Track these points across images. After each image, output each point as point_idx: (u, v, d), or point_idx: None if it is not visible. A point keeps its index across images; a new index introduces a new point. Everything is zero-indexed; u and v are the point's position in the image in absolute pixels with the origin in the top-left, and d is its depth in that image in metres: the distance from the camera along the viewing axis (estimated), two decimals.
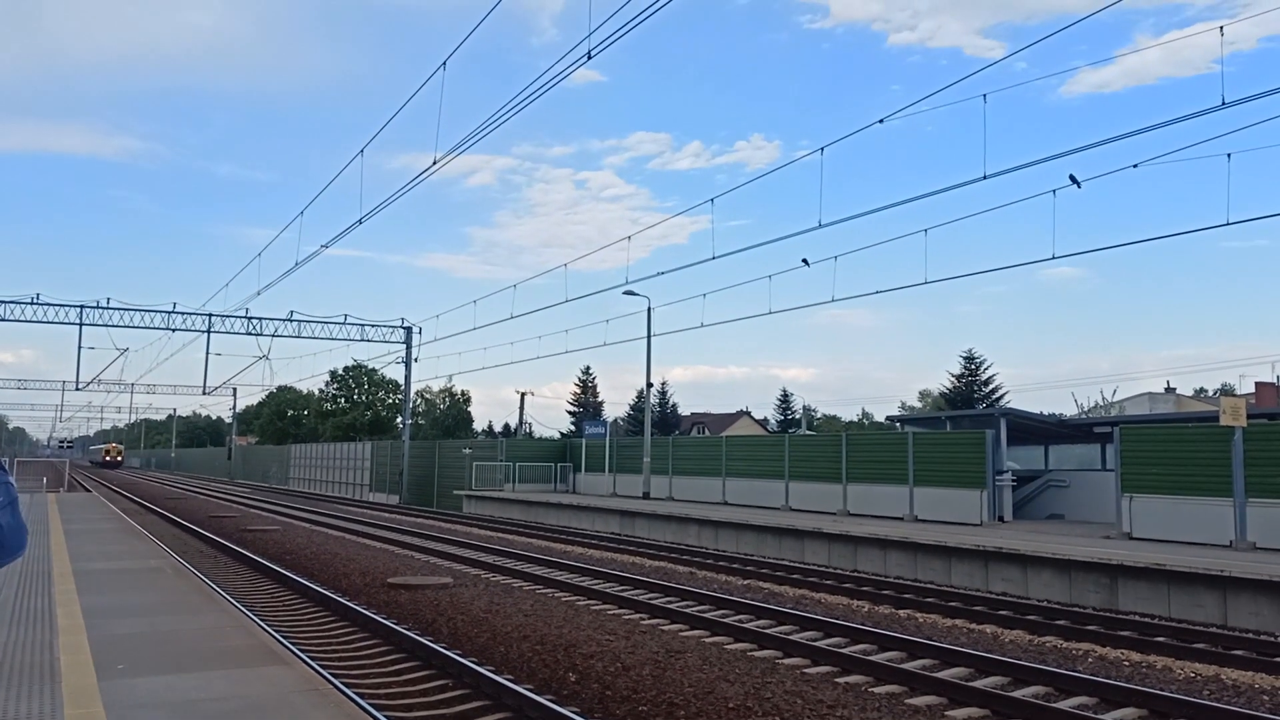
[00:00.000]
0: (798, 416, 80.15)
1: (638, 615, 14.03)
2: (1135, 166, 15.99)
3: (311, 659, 10.24)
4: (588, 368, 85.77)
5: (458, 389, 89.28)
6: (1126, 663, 11.31)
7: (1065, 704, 9.11)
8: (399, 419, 68.59)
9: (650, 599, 15.45)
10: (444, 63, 15.15)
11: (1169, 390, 57.67)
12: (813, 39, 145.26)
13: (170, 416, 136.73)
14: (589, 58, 11.83)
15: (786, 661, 10.92)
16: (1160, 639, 12.63)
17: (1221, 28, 13.80)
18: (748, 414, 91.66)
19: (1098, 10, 14.00)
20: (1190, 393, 67.14)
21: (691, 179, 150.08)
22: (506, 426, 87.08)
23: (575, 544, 26.00)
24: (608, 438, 43.55)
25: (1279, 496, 17.85)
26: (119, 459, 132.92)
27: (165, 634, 8.52)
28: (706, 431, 79.79)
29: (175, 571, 13.64)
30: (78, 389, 50.23)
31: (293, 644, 11.01)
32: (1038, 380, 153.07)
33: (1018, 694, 9.41)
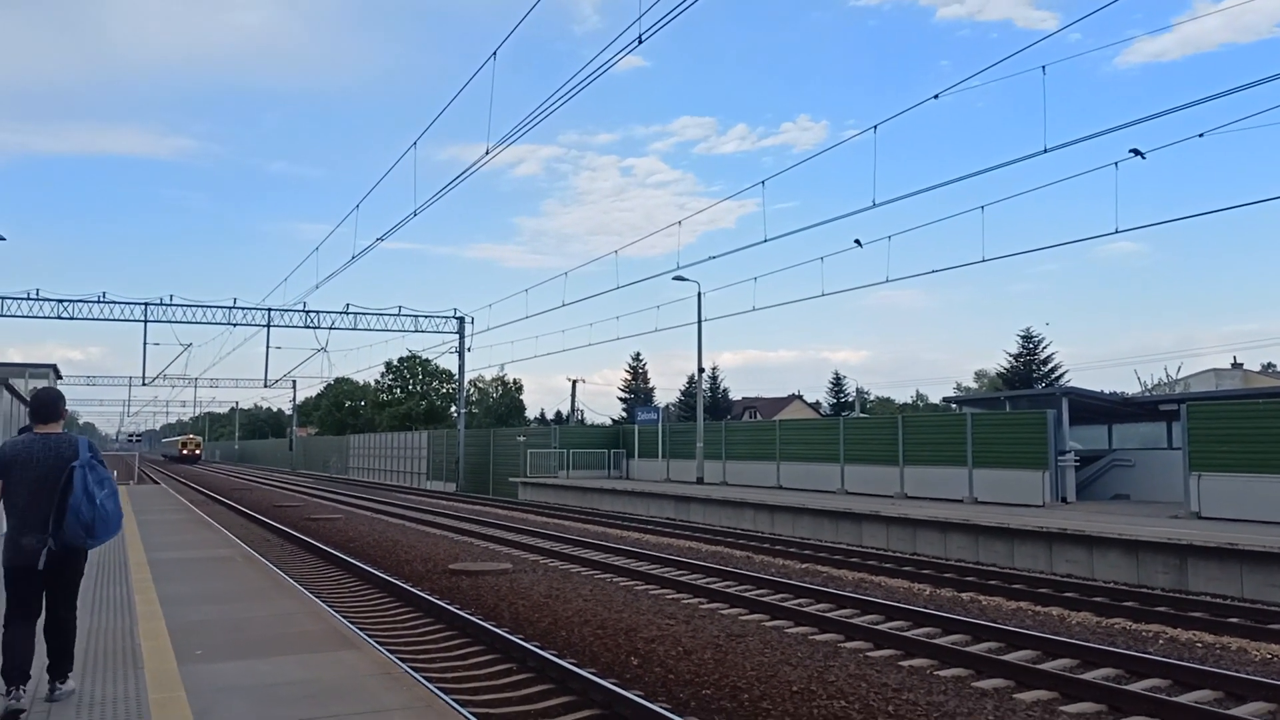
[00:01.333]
0: (850, 399, 79.53)
1: (697, 599, 14.05)
2: (1201, 136, 15.58)
3: (380, 644, 10.41)
4: (638, 354, 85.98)
5: (510, 378, 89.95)
6: (1199, 644, 11.10)
7: (1137, 686, 8.97)
8: (453, 408, 69.26)
9: (708, 583, 15.46)
10: (494, 53, 15.20)
11: (1235, 366, 56.21)
12: (859, 16, 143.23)
13: (233, 409, 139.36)
14: (639, 42, 11.80)
15: (849, 645, 10.87)
16: (1234, 620, 12.37)
17: None
18: (799, 398, 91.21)
19: None
20: (1258, 368, 65.41)
21: (737, 162, 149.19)
22: (559, 414, 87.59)
23: (631, 529, 26.11)
24: (660, 423, 43.60)
25: None
26: (198, 452, 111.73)
27: (239, 620, 8.72)
28: (758, 415, 79.56)
29: (245, 560, 13.94)
30: (144, 384, 51.44)
31: (361, 629, 11.20)
32: (1098, 359, 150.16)
33: (1087, 676, 9.28)
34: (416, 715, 5.60)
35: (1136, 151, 15.99)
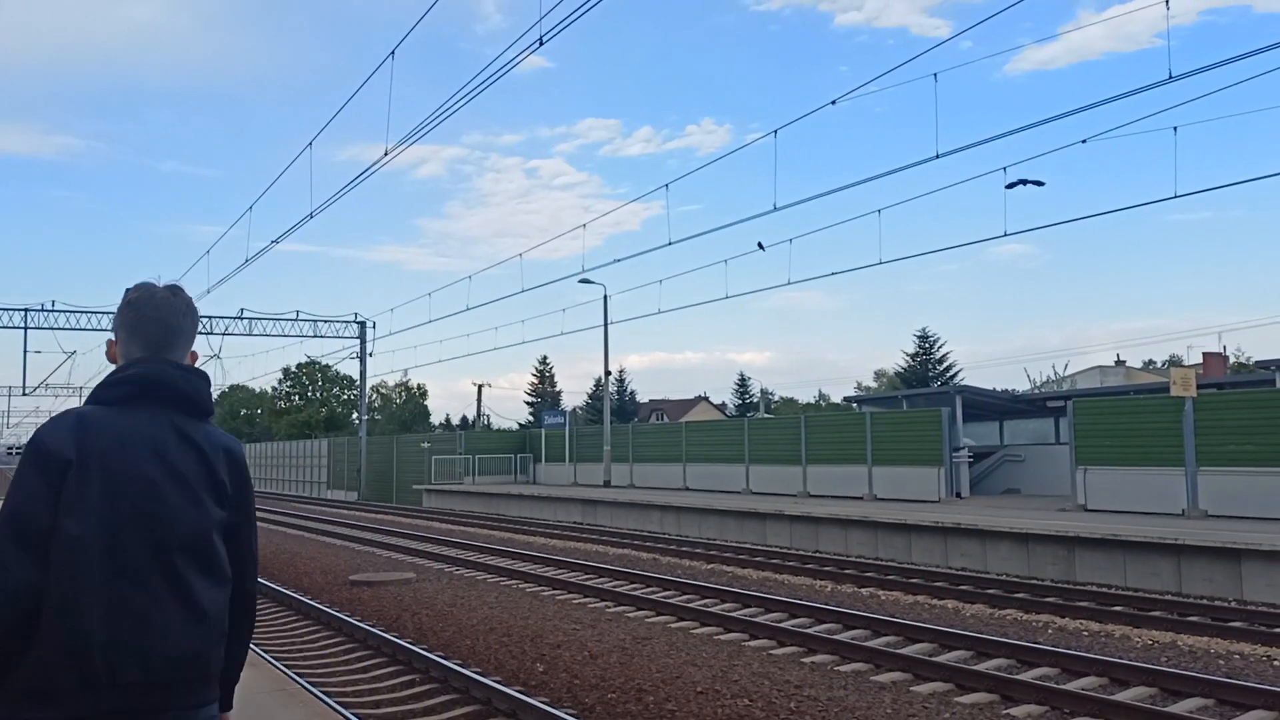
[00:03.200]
0: (755, 400, 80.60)
1: (603, 603, 14.04)
2: (1084, 142, 16.26)
3: (276, 659, 10.13)
4: (545, 357, 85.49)
5: (414, 383, 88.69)
6: (1086, 632, 11.53)
7: (1027, 675, 9.27)
8: (355, 415, 67.97)
9: (615, 586, 15.47)
10: (392, 52, 14.94)
11: (1119, 363, 58.68)
12: (760, 20, 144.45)
13: None
14: (540, 44, 11.74)
15: (753, 643, 10.99)
16: (1118, 608, 12.89)
17: (1168, 1, 13.91)
18: (705, 399, 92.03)
19: None
20: (1139, 365, 68.44)
21: (642, 165, 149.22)
22: (464, 419, 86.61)
23: (538, 535, 25.97)
24: (567, 427, 43.46)
25: (1229, 465, 18.27)
26: None
27: None
28: (665, 418, 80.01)
29: None
30: (24, 394, 49.13)
31: (256, 645, 10.88)
32: (990, 357, 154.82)
33: (980, 667, 9.56)
34: None
35: (1024, 181, 16.66)
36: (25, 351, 46.17)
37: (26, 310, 44.82)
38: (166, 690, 2.12)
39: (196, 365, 2.39)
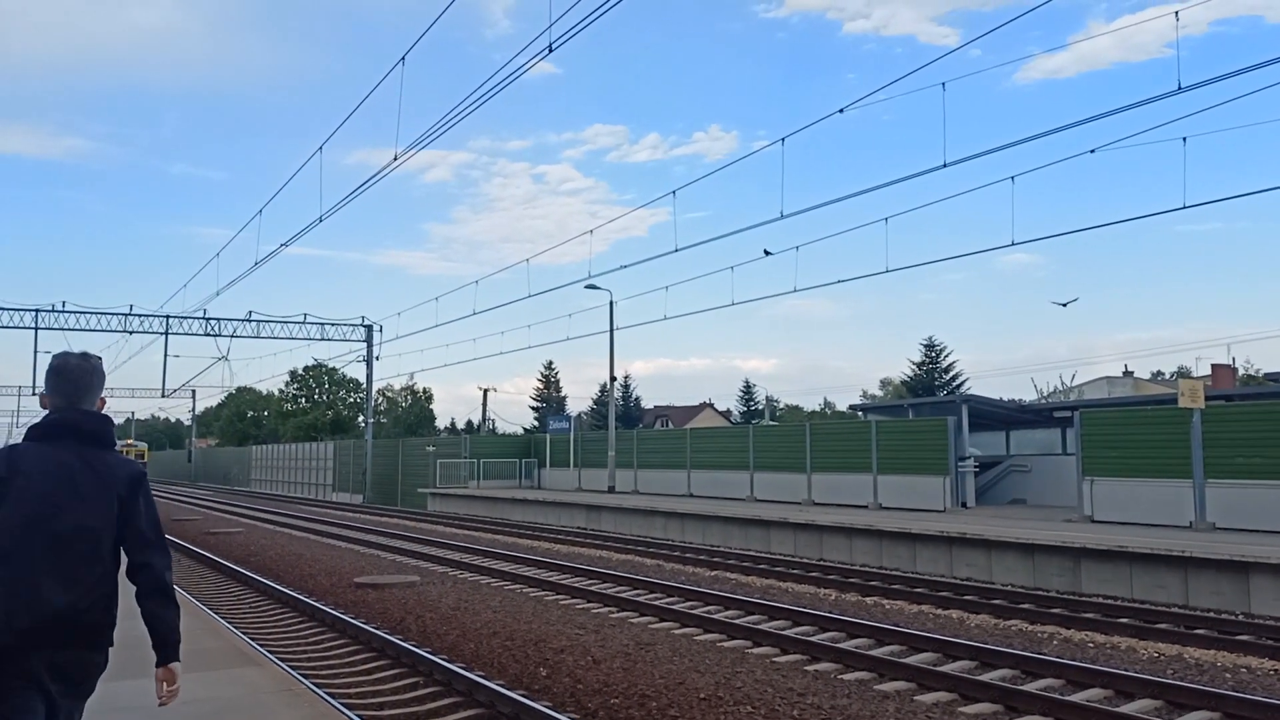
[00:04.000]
0: (760, 407, 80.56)
1: (607, 609, 14.04)
2: (1093, 152, 16.25)
3: (281, 660, 10.14)
4: (550, 362, 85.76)
5: (420, 387, 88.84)
6: (1091, 644, 11.50)
7: (1032, 686, 9.24)
8: (361, 418, 68.04)
9: (619, 592, 15.46)
10: (403, 57, 15.02)
11: (1126, 374, 58.51)
12: (768, 28, 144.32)
13: (129, 420, 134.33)
14: (550, 50, 11.78)
15: (756, 651, 10.98)
16: (1124, 620, 12.85)
17: (1177, 12, 13.94)
18: (710, 406, 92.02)
19: None
20: (1147, 376, 68.28)
21: (649, 171, 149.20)
22: (470, 423, 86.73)
23: (542, 539, 25.97)
24: (572, 433, 43.49)
25: (1237, 477, 18.22)
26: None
27: (132, 638, 8.35)
28: (670, 424, 79.99)
29: None
30: (34, 394, 49.24)
31: (262, 645, 10.90)
32: (997, 366, 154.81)
33: (985, 677, 9.54)
34: None
35: (1067, 301, 16.77)
36: (35, 352, 46.33)
37: (37, 311, 45.09)
38: (52, 635, 3.03)
39: (103, 410, 3.47)
